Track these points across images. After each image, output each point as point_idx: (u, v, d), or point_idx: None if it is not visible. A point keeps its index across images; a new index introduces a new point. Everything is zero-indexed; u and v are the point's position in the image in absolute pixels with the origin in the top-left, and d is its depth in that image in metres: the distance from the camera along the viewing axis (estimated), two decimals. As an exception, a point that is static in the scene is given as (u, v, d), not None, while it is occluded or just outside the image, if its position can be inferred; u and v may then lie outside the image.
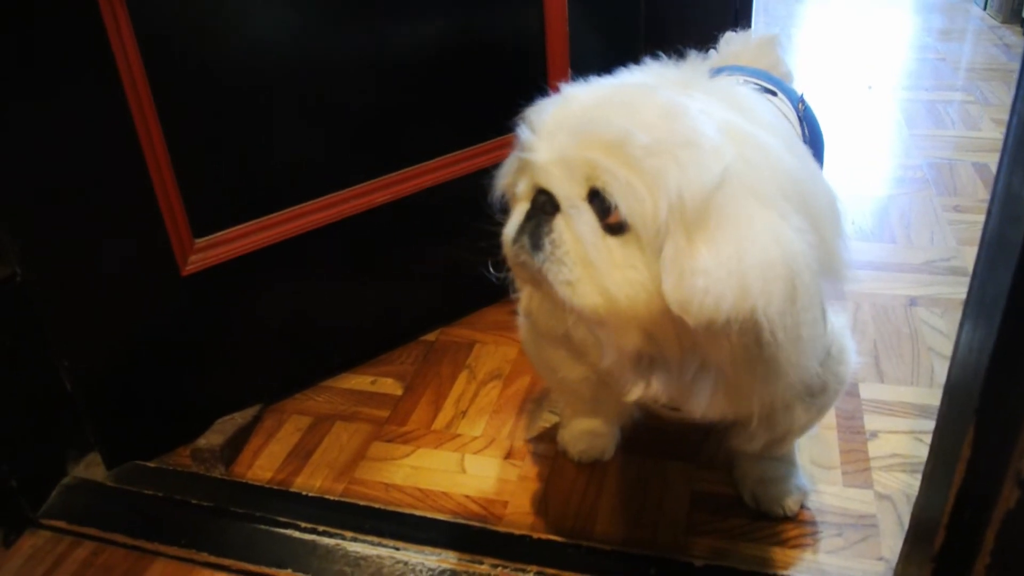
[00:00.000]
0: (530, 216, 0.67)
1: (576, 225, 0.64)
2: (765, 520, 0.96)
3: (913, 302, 1.36)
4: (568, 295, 0.65)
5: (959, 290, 1.36)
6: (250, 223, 1.09)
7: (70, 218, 0.96)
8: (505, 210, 0.77)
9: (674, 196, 0.59)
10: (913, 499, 0.85)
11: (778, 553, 0.92)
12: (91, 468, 1.13)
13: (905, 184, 1.78)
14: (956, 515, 0.66)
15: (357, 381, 1.26)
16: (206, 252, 1.06)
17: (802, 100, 0.95)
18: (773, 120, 0.70)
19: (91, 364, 1.05)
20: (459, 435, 1.13)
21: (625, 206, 0.61)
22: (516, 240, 0.68)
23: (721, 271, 0.58)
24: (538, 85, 1.25)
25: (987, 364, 0.60)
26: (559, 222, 0.65)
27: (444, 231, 1.25)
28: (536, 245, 0.66)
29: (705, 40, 1.13)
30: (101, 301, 1.02)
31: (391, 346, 1.31)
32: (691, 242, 0.59)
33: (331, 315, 1.23)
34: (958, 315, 1.28)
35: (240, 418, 1.15)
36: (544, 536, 0.96)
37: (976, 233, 1.57)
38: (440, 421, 1.16)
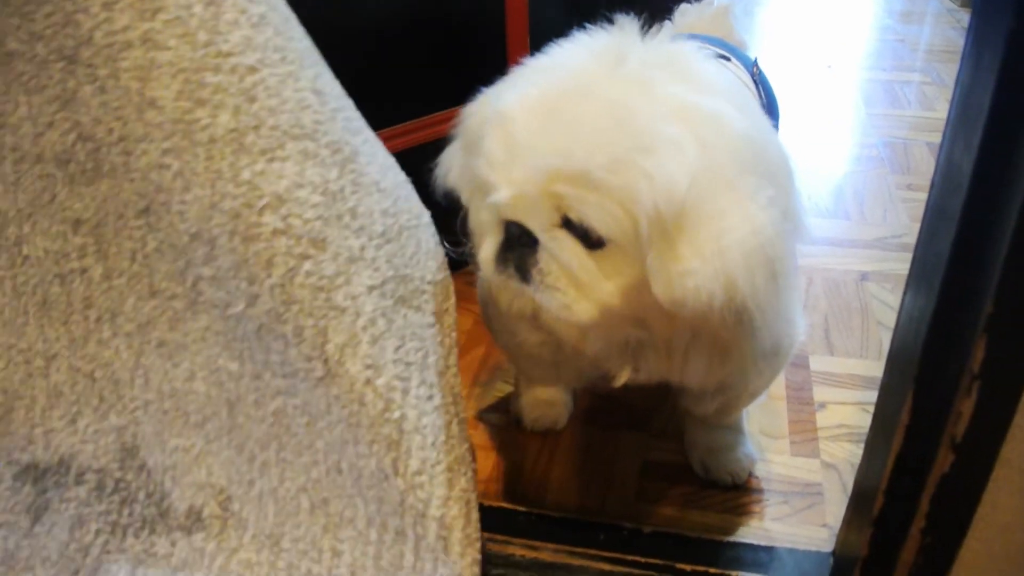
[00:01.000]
0: (507, 246, 0.67)
1: (558, 254, 0.64)
2: (714, 488, 0.98)
3: (864, 277, 1.38)
4: (566, 315, 0.66)
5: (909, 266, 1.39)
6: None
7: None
8: (451, 201, 0.77)
9: (650, 209, 0.59)
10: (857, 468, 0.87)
11: (726, 520, 0.94)
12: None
13: (861, 162, 1.80)
14: (894, 480, 0.67)
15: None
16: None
17: (756, 64, 0.96)
18: (718, 79, 0.69)
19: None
20: (413, 405, 1.13)
21: (602, 227, 0.62)
22: (499, 269, 0.68)
23: (707, 269, 0.60)
24: (496, 55, 1.25)
25: (926, 332, 0.62)
26: (542, 253, 0.65)
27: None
28: (524, 277, 0.67)
29: (663, 12, 1.13)
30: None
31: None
32: (673, 247, 0.60)
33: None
34: (907, 290, 1.32)
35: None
36: (495, 504, 0.97)
37: (927, 211, 1.60)
38: (394, 391, 1.16)
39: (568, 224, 0.63)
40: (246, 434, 0.77)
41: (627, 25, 0.70)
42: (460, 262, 1.36)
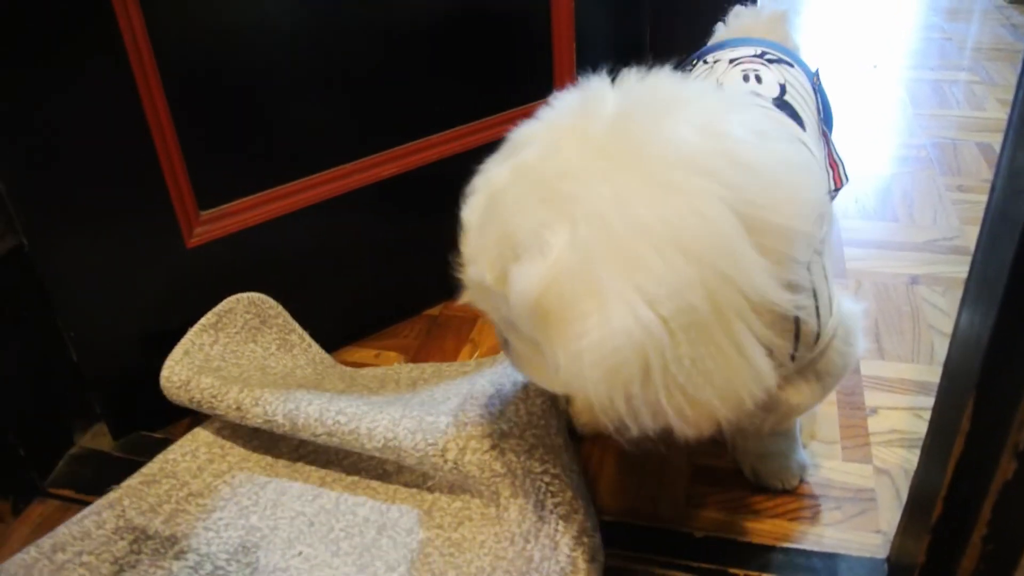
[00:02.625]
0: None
1: (508, 336, 0.72)
2: (764, 493, 0.97)
3: (915, 280, 1.36)
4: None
5: (961, 269, 1.37)
6: (256, 196, 1.09)
7: (76, 190, 0.96)
8: None
9: (514, 316, 0.63)
10: (911, 474, 0.86)
11: (777, 525, 0.93)
12: (97, 438, 1.14)
13: (908, 163, 1.78)
14: (954, 487, 0.66)
15: (361, 354, 1.26)
16: (211, 224, 1.07)
17: (816, 74, 0.96)
18: (680, 144, 0.61)
19: (97, 335, 1.06)
20: (462, 408, 1.14)
21: (516, 324, 0.66)
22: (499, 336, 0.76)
23: (573, 367, 0.58)
24: (541, 60, 1.25)
25: (988, 338, 0.61)
26: (510, 337, 0.73)
27: (449, 205, 1.25)
28: (506, 348, 0.75)
29: (714, 12, 1.13)
30: (107, 273, 1.02)
31: (394, 320, 1.32)
32: (548, 340, 0.60)
33: (335, 288, 1.23)
34: (959, 294, 1.29)
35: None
36: (546, 507, 0.97)
37: (979, 213, 1.57)
38: (443, 394, 1.17)
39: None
40: (379, 555, 0.89)
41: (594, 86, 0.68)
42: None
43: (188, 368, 1.03)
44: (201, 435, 1.04)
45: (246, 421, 0.99)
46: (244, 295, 1.13)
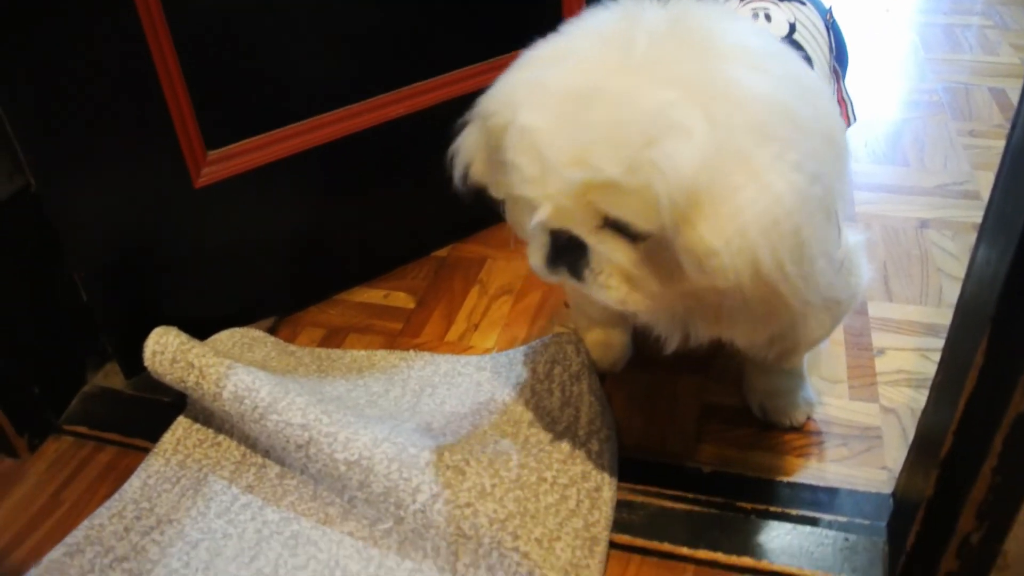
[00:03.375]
0: (555, 248, 0.69)
1: (608, 254, 0.67)
2: (772, 430, 0.98)
3: (924, 225, 1.36)
4: (620, 307, 0.69)
5: (971, 213, 1.36)
6: (264, 135, 1.08)
7: (83, 130, 0.95)
8: (470, 188, 0.80)
9: (665, 201, 0.60)
10: (918, 413, 0.87)
11: (784, 461, 0.95)
12: (110, 377, 1.15)
13: (920, 108, 1.76)
14: (964, 421, 0.67)
15: (370, 295, 1.27)
16: (219, 165, 1.06)
17: (830, 12, 0.94)
18: (734, 38, 0.67)
19: (106, 275, 1.06)
20: (472, 347, 1.15)
21: (638, 224, 0.63)
22: (551, 269, 0.71)
23: (728, 249, 0.60)
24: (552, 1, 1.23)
25: (1005, 274, 0.61)
26: (592, 254, 0.68)
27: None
28: (576, 275, 0.69)
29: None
30: (115, 213, 1.02)
31: (403, 261, 1.32)
32: (695, 230, 0.61)
33: (344, 229, 1.23)
34: (968, 238, 1.30)
35: (254, 329, 1.17)
36: (556, 444, 0.98)
37: (991, 158, 1.57)
38: (453, 333, 1.18)
39: (610, 223, 0.65)
40: None
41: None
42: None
43: (178, 337, 1.00)
44: (128, 492, 0.96)
45: (223, 400, 0.94)
46: (226, 331, 1.12)
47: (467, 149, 0.78)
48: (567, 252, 0.69)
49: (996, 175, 0.68)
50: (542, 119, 0.64)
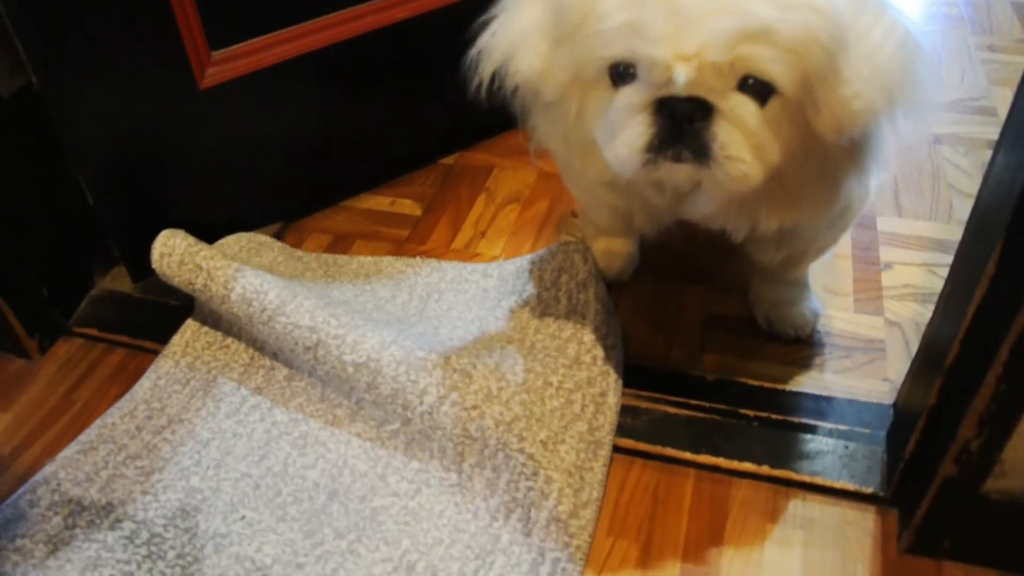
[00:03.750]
0: (667, 127, 0.65)
1: (745, 118, 0.64)
2: (776, 341, 0.99)
3: (938, 140, 1.34)
4: (740, 185, 0.67)
5: (986, 129, 1.34)
6: (270, 35, 1.06)
7: (86, 27, 0.93)
8: (495, 91, 0.76)
9: (818, 48, 0.61)
10: (922, 327, 0.87)
11: (787, 371, 0.96)
12: (117, 280, 1.15)
13: (939, 20, 1.71)
14: (972, 330, 0.67)
15: (376, 202, 1.26)
16: (224, 65, 1.04)
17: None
18: None
19: (111, 177, 1.05)
20: (479, 254, 1.15)
21: (783, 78, 0.62)
22: (660, 151, 0.65)
23: (870, 88, 0.64)
24: None
25: (1023, 181, 0.60)
26: (719, 121, 0.64)
27: (462, 52, 1.21)
28: (700, 152, 0.65)
29: None
30: (119, 114, 1.00)
31: (410, 168, 1.31)
32: (836, 72, 0.63)
33: (350, 134, 1.22)
34: (982, 154, 1.29)
35: (261, 234, 1.16)
36: (561, 351, 0.99)
37: (1009, 74, 1.53)
38: (460, 241, 1.18)
39: (742, 86, 0.63)
40: (328, 521, 0.84)
41: None
42: (519, 119, 1.34)
43: (185, 239, 1.00)
44: (139, 392, 0.97)
45: (231, 302, 0.94)
46: (232, 235, 1.11)
47: (510, 41, 0.74)
48: (690, 128, 0.64)
49: (1019, 85, 0.67)
50: None
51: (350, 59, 1.13)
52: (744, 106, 0.64)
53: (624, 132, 0.66)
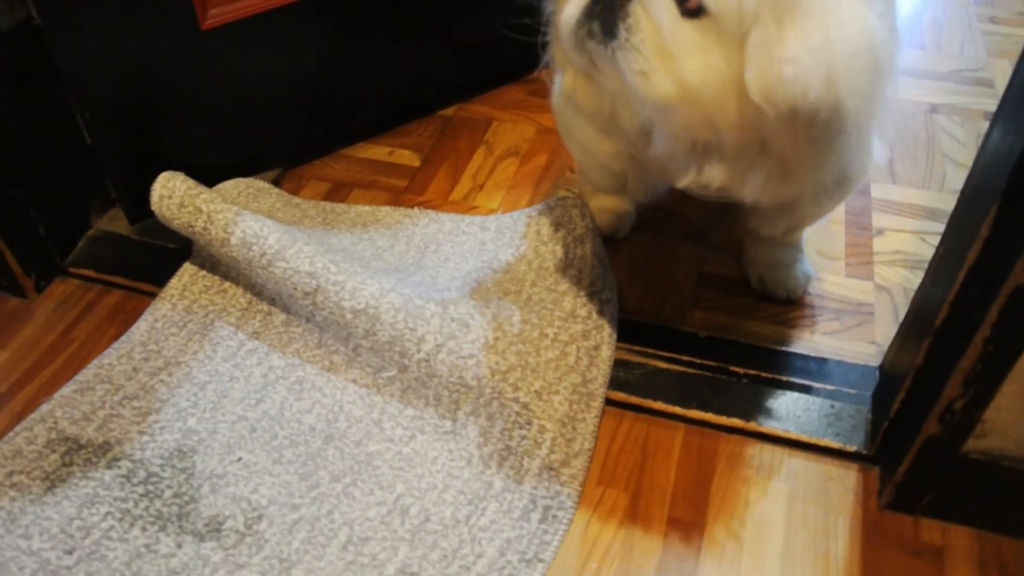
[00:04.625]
0: (596, 2, 0.65)
1: (653, 11, 0.62)
2: (768, 301, 1.01)
3: (934, 109, 1.35)
4: (641, 86, 0.64)
5: (982, 100, 1.35)
6: (272, -24, 1.05)
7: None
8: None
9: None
10: (910, 293, 0.89)
11: (778, 331, 0.97)
12: (114, 222, 1.15)
13: (942, -11, 1.71)
14: (963, 291, 0.69)
15: (374, 151, 1.26)
16: (227, 6, 1.03)
17: None
18: None
19: (110, 117, 1.04)
20: (476, 207, 1.16)
21: None
22: (583, 25, 0.65)
23: (810, 59, 0.59)
24: None
25: (1021, 147, 0.61)
26: (635, 7, 0.63)
27: (466, 2, 1.22)
28: (609, 32, 0.64)
29: None
30: (121, 52, 1.00)
31: (408, 119, 1.30)
32: (780, 28, 0.59)
33: (350, 81, 1.21)
34: (977, 125, 1.30)
35: (260, 180, 1.16)
36: (556, 305, 1.01)
37: (1008, 46, 1.53)
38: (458, 193, 1.18)
39: None
40: (324, 464, 0.84)
41: None
42: (522, 68, 1.34)
43: (185, 182, 0.99)
44: (135, 334, 0.98)
45: (230, 246, 0.95)
46: (231, 180, 1.11)
47: None
48: (608, 4, 0.64)
49: (1019, 58, 0.67)
50: None
51: (354, 4, 1.12)
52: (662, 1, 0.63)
53: (570, 3, 0.67)
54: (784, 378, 0.92)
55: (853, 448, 0.85)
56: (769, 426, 0.87)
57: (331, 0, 1.09)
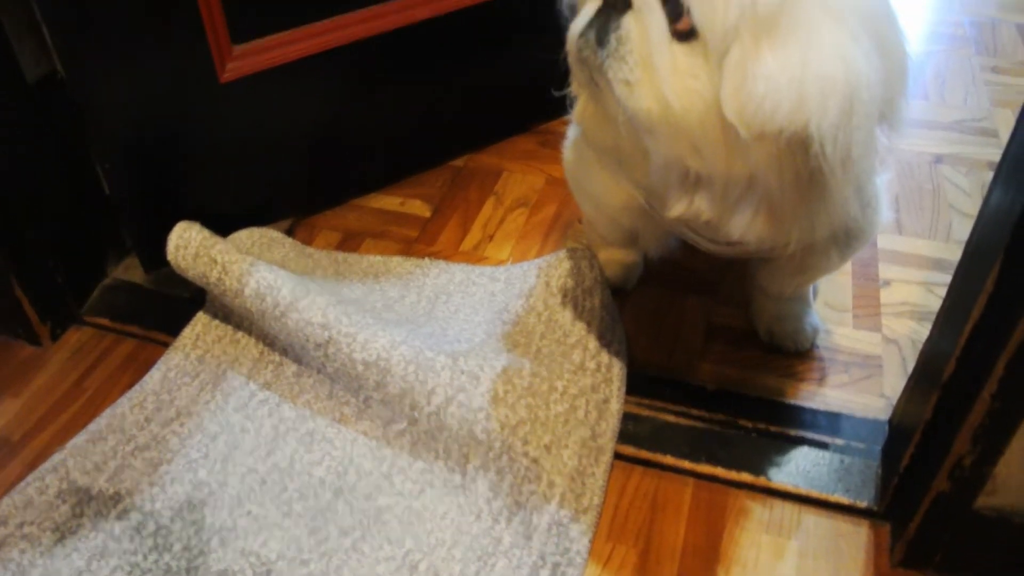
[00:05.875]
0: (599, 14, 0.68)
1: (646, 24, 0.65)
2: (777, 354, 1.01)
3: (939, 160, 1.36)
4: (624, 95, 0.67)
5: (987, 151, 1.36)
6: (289, 32, 1.08)
7: (112, 16, 0.94)
8: (569, 16, 0.76)
9: (750, 4, 0.60)
10: (919, 345, 0.89)
11: (786, 384, 0.98)
12: (130, 271, 1.17)
13: (944, 40, 1.73)
14: (969, 347, 0.69)
15: (386, 201, 1.28)
16: (244, 60, 1.06)
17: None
18: None
19: (129, 167, 1.06)
20: (486, 257, 1.17)
21: (698, 10, 0.62)
22: (582, 35, 0.69)
23: (782, 78, 0.59)
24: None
25: (1022, 207, 0.62)
26: (628, 19, 0.66)
27: (479, 53, 1.24)
28: (601, 40, 0.67)
29: None
30: (142, 104, 1.02)
31: (420, 169, 1.32)
32: (757, 45, 0.60)
33: (363, 132, 1.23)
34: (982, 175, 1.31)
35: (273, 230, 1.18)
36: (565, 356, 1.01)
37: (1012, 96, 1.55)
38: (468, 243, 1.20)
39: (666, 2, 0.64)
40: (333, 519, 0.85)
41: None
42: (530, 119, 1.36)
43: (201, 232, 1.01)
44: (148, 384, 0.99)
45: (244, 296, 0.96)
46: (245, 230, 1.12)
47: None
48: (606, 15, 0.67)
49: (1021, 109, 0.68)
50: None
51: (367, 57, 1.15)
52: (654, 14, 0.64)
53: (579, 16, 0.70)
54: (793, 432, 0.92)
55: (864, 504, 0.85)
56: (779, 481, 0.87)
57: (343, 53, 1.12)
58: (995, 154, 1.35)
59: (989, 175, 1.31)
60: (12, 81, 0.97)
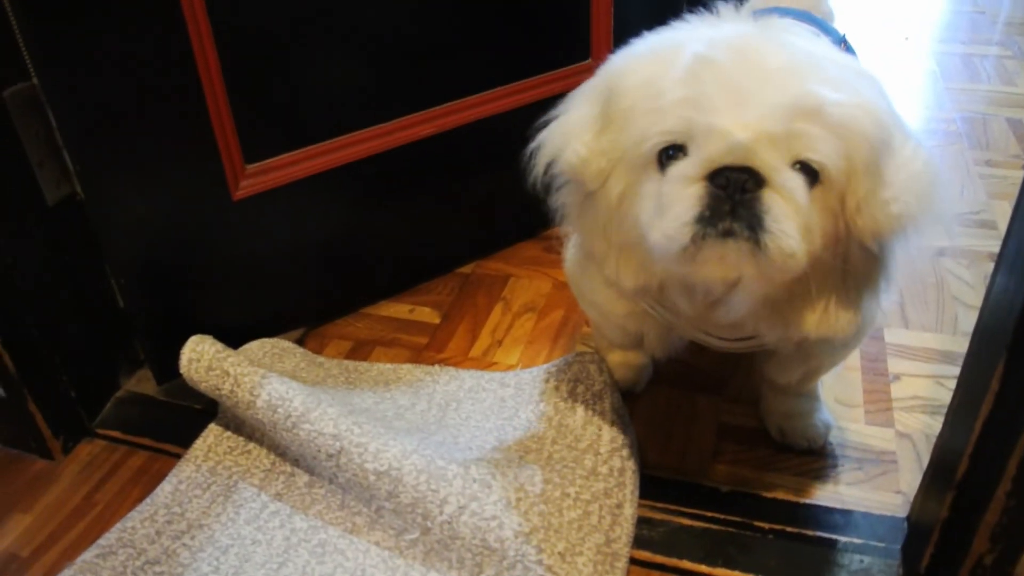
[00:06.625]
0: (717, 197, 0.64)
1: (795, 193, 0.64)
2: (789, 452, 1.00)
3: (940, 253, 1.38)
4: (789, 266, 0.65)
5: (987, 243, 1.38)
6: (300, 151, 1.12)
7: (129, 142, 0.99)
8: (548, 186, 0.80)
9: (865, 140, 0.66)
10: (932, 439, 0.89)
11: (801, 483, 0.97)
12: (142, 383, 1.18)
13: (937, 136, 1.78)
14: (980, 445, 0.69)
15: (396, 309, 1.30)
16: (256, 178, 1.10)
17: (844, 41, 0.97)
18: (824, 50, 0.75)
19: (144, 282, 1.09)
20: (495, 363, 1.18)
21: (830, 162, 0.65)
22: (698, 230, 0.64)
23: (908, 195, 0.67)
24: (580, 26, 1.27)
25: (1022, 302, 0.63)
26: (770, 196, 0.64)
27: (483, 166, 1.28)
28: (752, 225, 0.64)
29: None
30: (157, 223, 1.05)
31: (428, 277, 1.35)
32: (879, 174, 0.67)
33: (372, 243, 1.26)
34: (984, 267, 1.32)
35: (284, 340, 1.20)
36: (577, 460, 1.01)
37: (1007, 188, 1.58)
38: (477, 349, 1.21)
39: (796, 166, 0.65)
40: None
41: (731, 11, 0.76)
42: (537, 226, 1.39)
43: (213, 345, 1.03)
44: (159, 496, 0.99)
45: (256, 408, 0.96)
46: (256, 341, 1.15)
47: (563, 134, 0.76)
48: (738, 201, 0.63)
49: (1015, 205, 0.70)
50: (719, 52, 0.66)
51: (375, 172, 1.19)
52: (795, 180, 0.64)
53: (675, 205, 0.65)
54: (810, 532, 0.90)
55: (886, 606, 0.83)
56: (798, 583, 0.86)
57: (351, 169, 1.16)
58: (995, 245, 1.37)
59: (990, 266, 1.33)
60: (33, 205, 1.01)
